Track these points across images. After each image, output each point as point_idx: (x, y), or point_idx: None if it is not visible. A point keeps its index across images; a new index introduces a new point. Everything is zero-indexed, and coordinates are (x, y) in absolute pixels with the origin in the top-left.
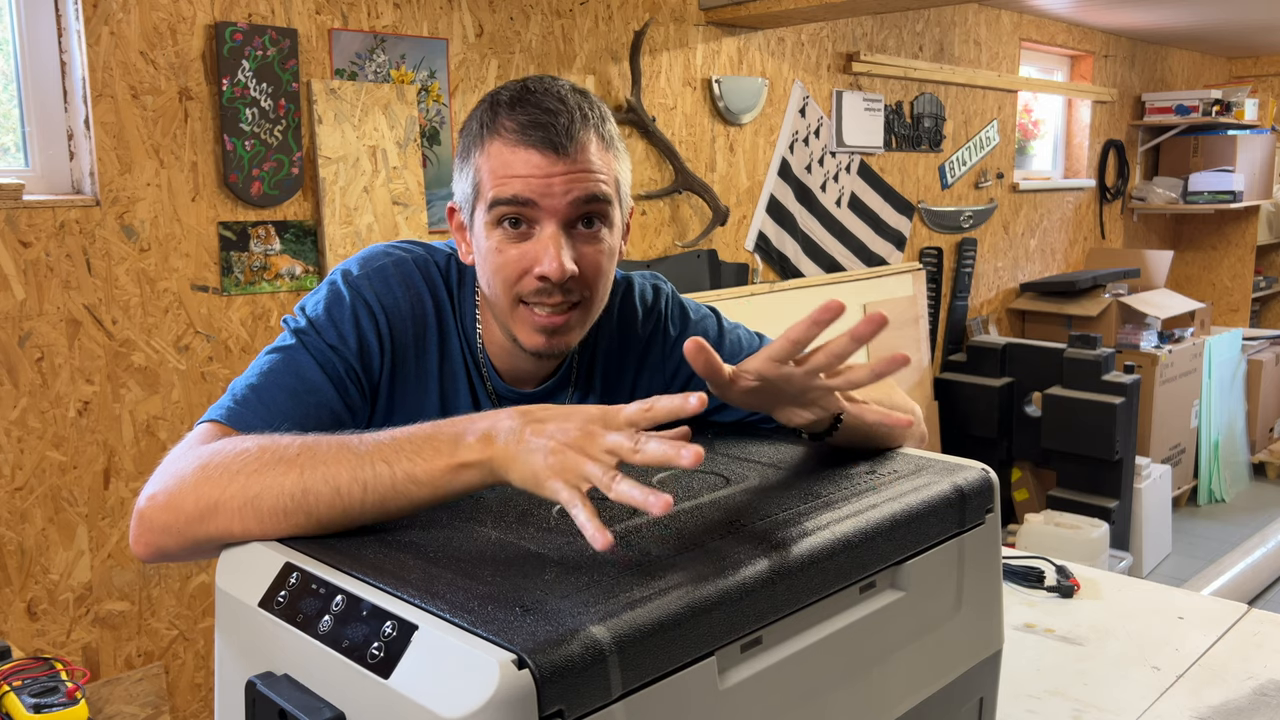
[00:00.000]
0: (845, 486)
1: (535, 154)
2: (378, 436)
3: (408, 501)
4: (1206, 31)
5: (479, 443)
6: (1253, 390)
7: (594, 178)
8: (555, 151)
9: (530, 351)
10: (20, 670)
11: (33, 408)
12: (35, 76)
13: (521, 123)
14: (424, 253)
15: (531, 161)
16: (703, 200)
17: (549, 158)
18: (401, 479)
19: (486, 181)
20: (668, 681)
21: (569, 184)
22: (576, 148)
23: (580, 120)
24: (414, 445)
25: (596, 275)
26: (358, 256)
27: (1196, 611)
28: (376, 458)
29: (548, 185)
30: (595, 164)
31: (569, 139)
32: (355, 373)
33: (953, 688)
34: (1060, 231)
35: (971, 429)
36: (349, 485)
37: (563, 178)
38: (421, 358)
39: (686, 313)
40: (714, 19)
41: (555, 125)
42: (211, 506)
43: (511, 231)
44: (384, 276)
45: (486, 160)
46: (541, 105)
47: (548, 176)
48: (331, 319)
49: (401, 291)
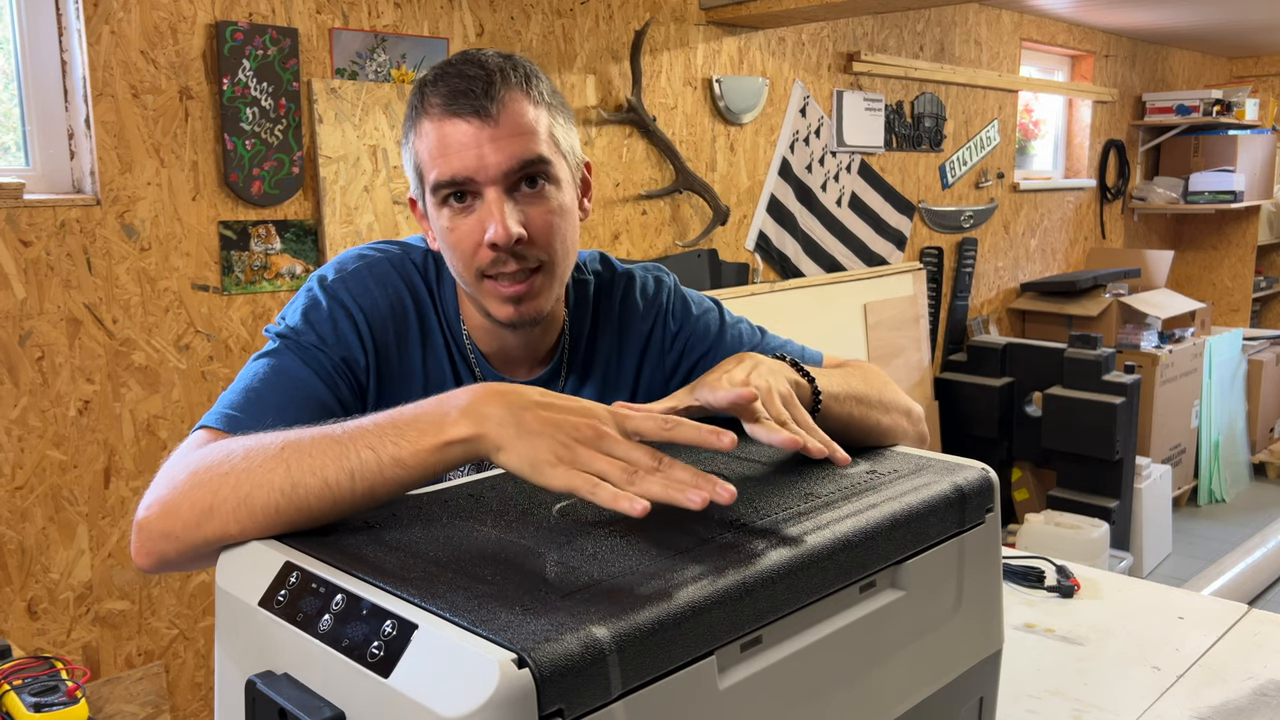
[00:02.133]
0: (845, 486)
1: (461, 123)
2: (360, 422)
3: (397, 485)
4: (1207, 31)
5: (465, 419)
6: (1253, 390)
7: (524, 139)
8: (479, 116)
9: (504, 323)
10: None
11: (33, 407)
12: (36, 75)
13: (444, 94)
14: (399, 251)
15: (459, 131)
16: (703, 200)
17: (474, 124)
18: (388, 463)
19: (426, 163)
20: (668, 681)
21: (500, 149)
22: (501, 110)
23: (502, 81)
24: (397, 428)
25: (549, 235)
26: (333, 262)
27: (1197, 611)
28: (361, 445)
29: (479, 155)
30: (526, 124)
31: (491, 101)
32: (342, 370)
33: (953, 687)
34: (1061, 231)
35: (972, 429)
36: (336, 475)
37: (491, 145)
38: (404, 356)
39: (689, 305)
40: (714, 18)
41: (474, 90)
42: (206, 510)
43: (458, 206)
44: (360, 279)
45: (420, 140)
46: (462, 74)
47: (477, 146)
48: (310, 323)
49: (379, 292)
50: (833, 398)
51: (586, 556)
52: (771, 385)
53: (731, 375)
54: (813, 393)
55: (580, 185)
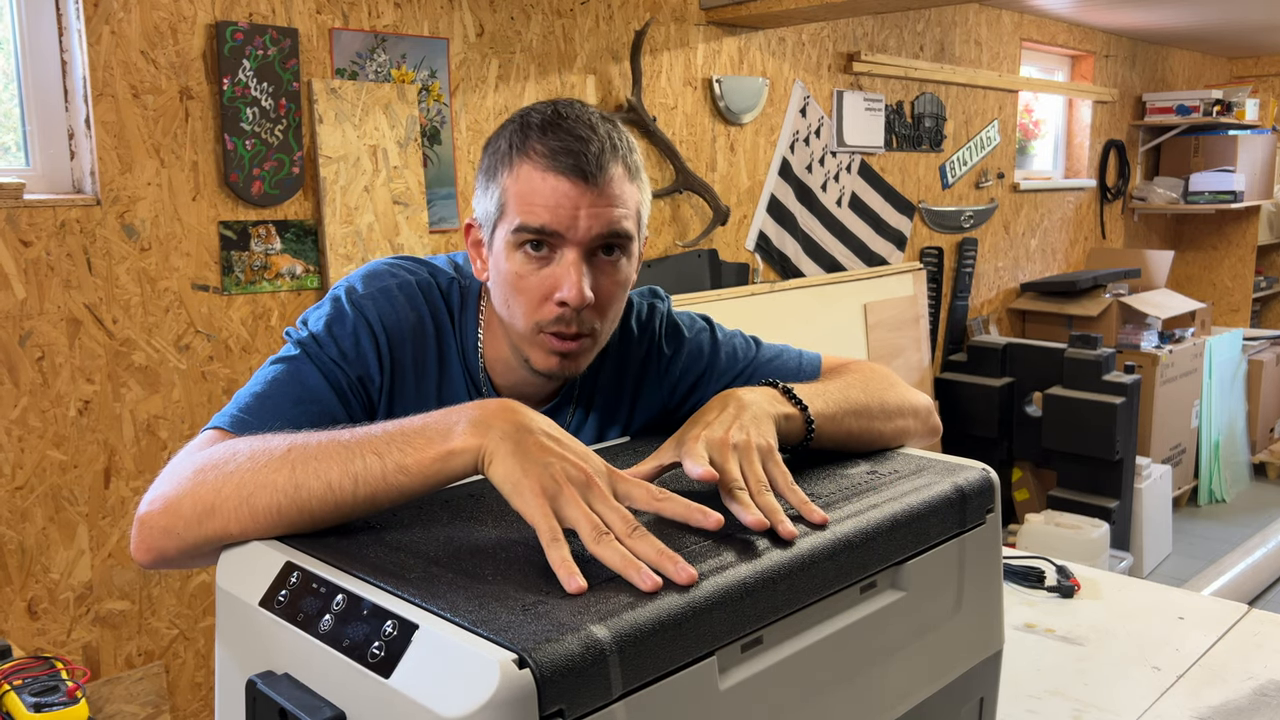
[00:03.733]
0: (845, 486)
1: (565, 182)
2: (368, 429)
3: (399, 492)
4: (1207, 31)
5: (470, 431)
6: (1253, 390)
7: (618, 211)
8: (585, 180)
9: (543, 373)
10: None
11: (33, 407)
12: (36, 75)
13: (553, 148)
14: (427, 274)
15: (560, 189)
16: (703, 200)
17: (578, 187)
18: (392, 470)
19: (513, 205)
20: (668, 681)
21: (594, 215)
22: (605, 178)
23: (610, 150)
24: (404, 436)
25: (610, 305)
26: (361, 273)
27: (1197, 611)
28: (366, 450)
29: (574, 216)
30: (621, 196)
31: (598, 169)
32: (357, 388)
33: (953, 688)
34: (1061, 231)
35: (972, 429)
36: (340, 479)
37: (589, 210)
38: (421, 381)
39: (680, 329)
40: (715, 19)
41: (586, 154)
42: (208, 508)
43: (533, 255)
44: (388, 297)
45: (515, 182)
46: (573, 132)
47: (575, 207)
48: (333, 335)
49: (405, 314)
50: (827, 419)
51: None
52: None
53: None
54: (805, 421)
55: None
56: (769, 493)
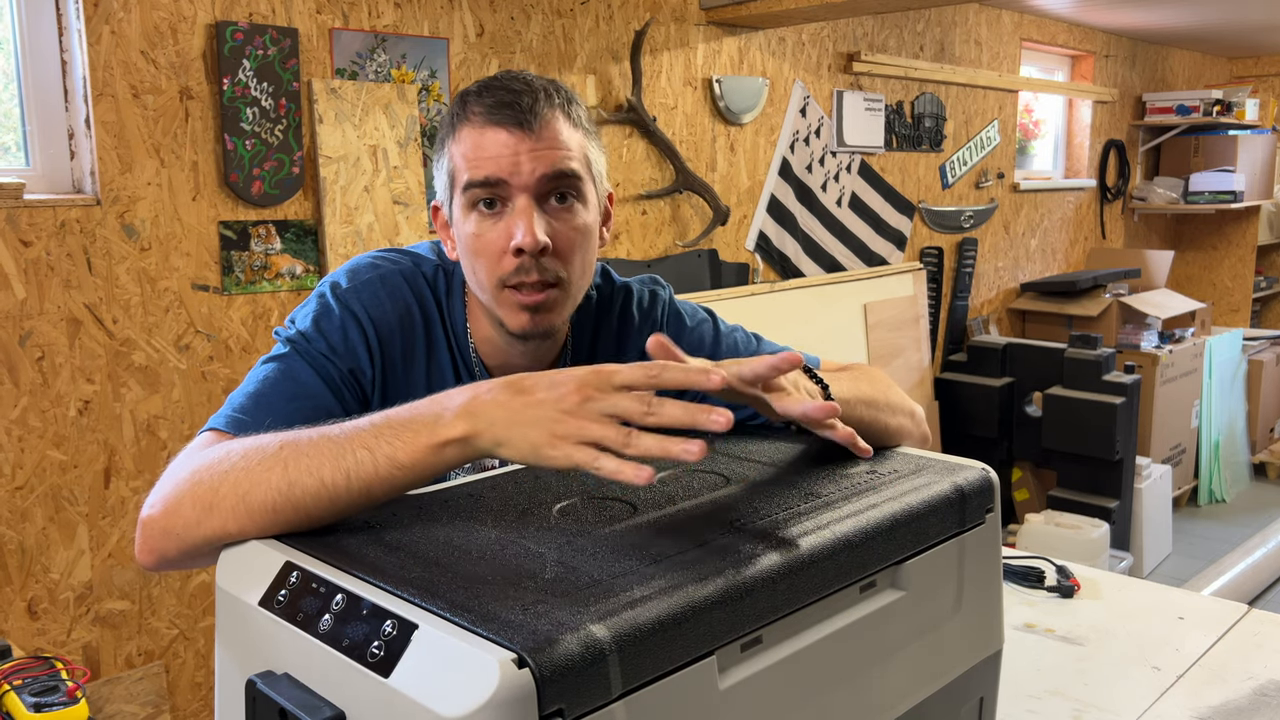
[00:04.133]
0: (845, 486)
1: (503, 132)
2: (358, 423)
3: (393, 486)
4: (1207, 31)
5: (459, 418)
6: (1253, 390)
7: (561, 153)
8: (521, 128)
9: (516, 333)
10: (21, 669)
11: (33, 407)
12: (36, 75)
13: (488, 104)
14: (411, 263)
15: (499, 140)
16: (703, 200)
17: (515, 134)
18: (384, 464)
19: (460, 166)
20: (668, 681)
21: (536, 159)
22: (541, 124)
23: (545, 100)
24: (393, 429)
25: (571, 251)
26: (345, 268)
27: (1197, 611)
28: (357, 445)
29: (515, 162)
30: (563, 140)
31: (534, 115)
32: (349, 380)
33: (953, 688)
34: (1061, 231)
35: (972, 429)
36: (333, 475)
37: (530, 153)
38: (410, 369)
39: (682, 318)
40: (715, 19)
41: (519, 104)
42: (206, 509)
43: (486, 212)
44: (372, 289)
45: (458, 145)
46: (508, 87)
47: (515, 154)
48: (321, 330)
49: (390, 304)
50: (844, 402)
51: (586, 556)
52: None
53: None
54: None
55: (603, 213)
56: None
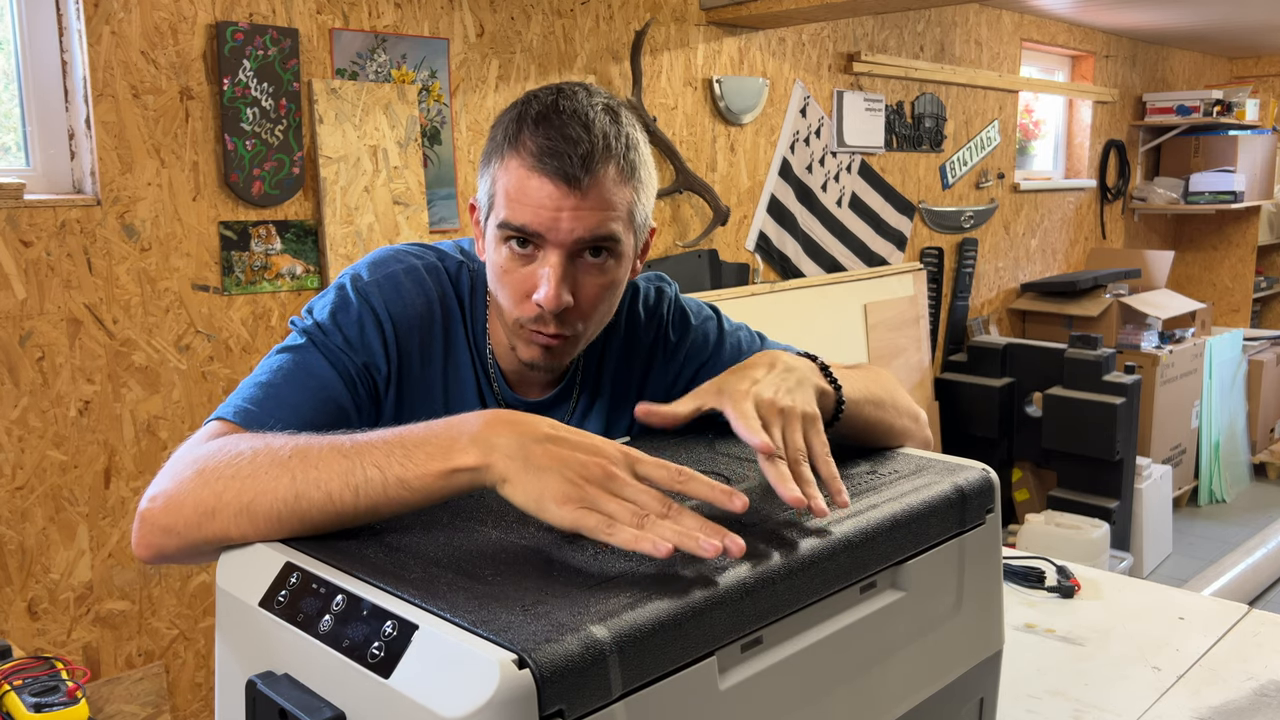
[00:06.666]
0: (845, 486)
1: (548, 184)
2: (369, 437)
3: (400, 505)
4: (1207, 32)
5: (473, 448)
6: (1253, 391)
7: (603, 215)
8: (569, 184)
9: (526, 363)
10: (21, 669)
11: (33, 407)
12: (36, 76)
13: (541, 147)
14: (435, 259)
15: (544, 191)
16: (703, 200)
17: (561, 190)
18: (393, 484)
19: (500, 198)
20: (668, 681)
21: (576, 220)
22: (591, 181)
23: (601, 151)
24: (405, 449)
25: (593, 307)
26: (367, 260)
27: (1197, 612)
28: (368, 461)
29: (555, 219)
30: (609, 199)
31: (585, 171)
32: (363, 375)
33: (953, 688)
34: (1061, 231)
35: (972, 429)
36: (340, 491)
37: (571, 213)
38: (427, 366)
39: (687, 315)
40: (715, 19)
41: (573, 155)
42: (209, 511)
43: (518, 251)
44: (394, 283)
45: (504, 174)
46: (565, 130)
47: (557, 210)
48: (338, 323)
49: (410, 299)
50: (854, 403)
51: (587, 556)
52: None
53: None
54: (836, 400)
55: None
56: (806, 464)
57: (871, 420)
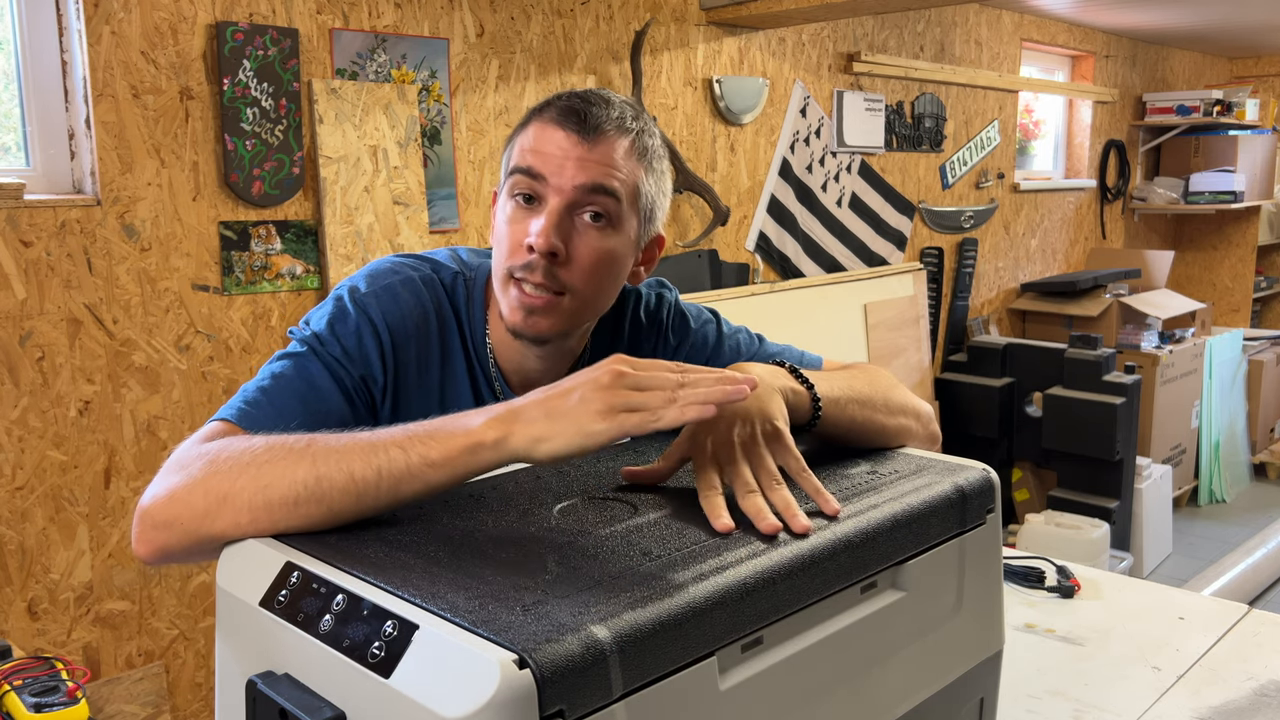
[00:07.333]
0: (845, 486)
1: (560, 133)
2: (389, 429)
3: (423, 485)
4: (1207, 31)
5: (491, 423)
6: (1253, 390)
7: (607, 169)
8: (580, 135)
9: (510, 330)
10: (21, 669)
11: (33, 407)
12: (36, 76)
13: (562, 107)
14: (431, 271)
15: (556, 139)
16: (703, 200)
17: (572, 139)
18: (417, 462)
19: (515, 153)
20: (668, 681)
21: (581, 167)
22: (601, 138)
23: (617, 121)
24: (426, 432)
25: (585, 267)
26: (364, 272)
27: (1197, 612)
28: (390, 445)
29: (561, 164)
30: (616, 160)
31: (596, 129)
32: (360, 387)
33: (953, 688)
34: (1061, 231)
35: (972, 429)
36: (363, 471)
37: (577, 161)
38: (423, 375)
39: (687, 320)
40: (715, 19)
41: (589, 114)
42: (220, 499)
43: (523, 206)
44: (392, 294)
45: (524, 135)
46: (588, 98)
47: (565, 156)
48: (335, 334)
49: (407, 310)
50: (833, 402)
51: (587, 556)
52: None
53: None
54: (811, 400)
55: (642, 252)
56: (781, 487)
57: (859, 419)
